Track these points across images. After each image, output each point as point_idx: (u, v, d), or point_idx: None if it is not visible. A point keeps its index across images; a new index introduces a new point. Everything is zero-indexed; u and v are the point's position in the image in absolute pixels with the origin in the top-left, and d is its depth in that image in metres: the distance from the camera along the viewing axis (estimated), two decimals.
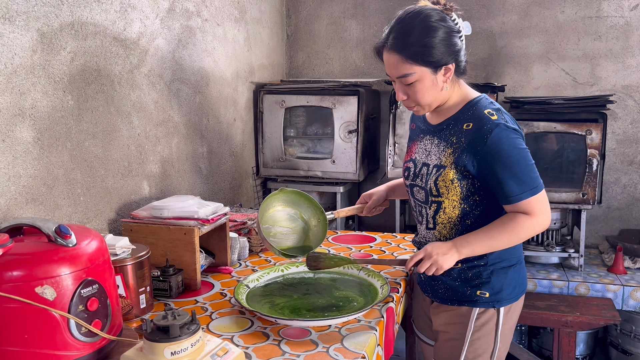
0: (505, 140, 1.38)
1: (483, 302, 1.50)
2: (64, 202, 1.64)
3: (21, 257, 1.03)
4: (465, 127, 1.44)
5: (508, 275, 1.52)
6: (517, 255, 1.55)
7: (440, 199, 1.49)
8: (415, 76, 1.41)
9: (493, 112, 1.43)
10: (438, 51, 1.39)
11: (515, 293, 1.54)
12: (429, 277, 1.59)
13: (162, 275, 1.59)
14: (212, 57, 2.46)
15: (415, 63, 1.39)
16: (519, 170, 1.38)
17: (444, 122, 1.51)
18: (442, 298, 1.57)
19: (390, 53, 1.42)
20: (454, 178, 1.45)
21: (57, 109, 1.60)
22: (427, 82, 1.42)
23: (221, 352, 1.09)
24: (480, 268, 1.50)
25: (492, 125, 1.39)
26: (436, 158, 1.50)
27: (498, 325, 1.51)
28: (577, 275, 2.68)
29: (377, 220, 3.43)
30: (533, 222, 1.40)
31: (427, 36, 1.38)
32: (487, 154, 1.39)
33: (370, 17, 3.26)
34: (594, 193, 2.58)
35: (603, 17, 2.92)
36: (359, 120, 2.78)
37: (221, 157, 2.60)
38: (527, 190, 1.38)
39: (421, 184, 1.53)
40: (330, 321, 1.36)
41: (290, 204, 1.73)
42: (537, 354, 2.85)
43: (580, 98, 2.61)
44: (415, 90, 1.43)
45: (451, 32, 1.41)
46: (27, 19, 1.48)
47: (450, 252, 1.42)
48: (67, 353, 1.05)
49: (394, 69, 1.43)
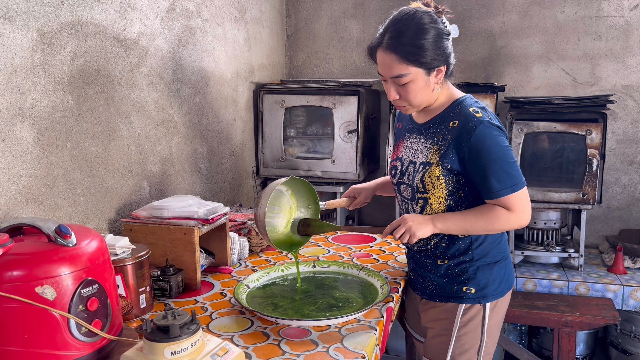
0: (488, 137, 1.42)
1: (469, 298, 1.55)
2: (64, 202, 1.64)
3: (21, 257, 1.03)
4: (452, 125, 1.49)
5: (493, 272, 1.56)
6: (502, 251, 1.59)
7: (426, 195, 1.52)
8: (409, 77, 1.44)
9: (478, 110, 1.47)
10: (432, 53, 1.42)
11: (501, 289, 1.58)
12: (418, 275, 1.66)
13: (162, 275, 1.59)
14: (212, 57, 2.46)
15: (411, 64, 1.42)
16: (500, 167, 1.42)
17: (431, 121, 1.55)
18: (430, 295, 1.62)
19: (386, 53, 1.44)
20: (440, 175, 1.49)
21: (57, 108, 1.60)
22: (421, 82, 1.45)
23: (221, 352, 1.09)
24: (466, 264, 1.55)
25: (477, 122, 1.43)
26: (422, 155, 1.54)
27: (484, 321, 1.56)
28: (577, 275, 2.68)
29: (377, 221, 3.44)
30: (510, 217, 1.45)
31: (423, 38, 1.41)
32: (471, 150, 1.43)
33: (370, 17, 3.26)
34: (594, 193, 2.58)
35: (603, 17, 2.92)
36: (359, 120, 2.78)
37: (221, 157, 2.60)
38: (508, 187, 1.43)
39: (408, 182, 1.57)
40: (330, 321, 1.36)
41: (290, 186, 1.68)
42: (537, 354, 2.85)
43: (580, 98, 2.62)
44: (408, 90, 1.46)
45: (443, 35, 1.45)
46: (27, 19, 1.48)
47: (426, 222, 1.46)
48: (67, 353, 1.05)
49: (389, 69, 1.45)
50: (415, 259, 1.67)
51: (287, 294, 1.58)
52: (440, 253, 1.58)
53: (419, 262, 1.65)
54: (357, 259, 1.96)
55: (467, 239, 1.54)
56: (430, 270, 1.61)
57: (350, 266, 1.76)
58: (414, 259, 1.68)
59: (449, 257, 1.56)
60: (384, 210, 3.39)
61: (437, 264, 1.58)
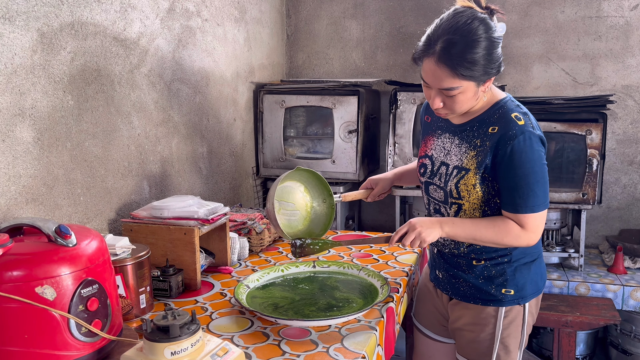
0: (526, 151, 1.36)
1: (509, 301, 1.50)
2: (64, 202, 1.64)
3: (21, 257, 1.03)
4: (491, 130, 1.41)
5: (531, 271, 1.52)
6: (538, 250, 1.55)
7: (461, 202, 1.47)
8: (460, 89, 1.36)
9: (520, 117, 1.40)
10: (485, 66, 1.34)
11: (538, 287, 1.55)
12: (449, 275, 1.59)
13: (162, 275, 1.59)
14: (212, 57, 2.46)
15: (464, 79, 1.33)
16: (528, 183, 1.36)
17: (468, 123, 1.48)
18: (465, 296, 1.56)
19: (438, 65, 1.33)
20: (476, 183, 1.43)
21: (57, 109, 1.60)
22: (470, 94, 1.38)
23: (221, 352, 1.09)
24: (504, 265, 1.50)
25: (518, 131, 1.37)
26: (457, 159, 1.47)
27: (524, 320, 1.53)
28: (577, 275, 2.68)
29: (377, 221, 3.44)
30: (521, 235, 1.40)
31: (477, 52, 1.32)
32: (505, 158, 1.37)
33: (370, 17, 3.26)
34: (594, 193, 2.58)
35: (603, 17, 2.92)
36: (359, 120, 2.78)
37: (221, 157, 2.60)
38: (529, 206, 1.38)
39: (439, 184, 1.52)
40: (330, 321, 1.36)
41: (302, 181, 1.67)
42: (537, 354, 2.85)
43: (580, 98, 2.61)
44: (456, 100, 1.38)
45: (496, 45, 1.36)
46: (27, 19, 1.48)
47: (434, 226, 1.41)
48: (67, 353, 1.05)
49: (438, 80, 1.36)
50: (446, 259, 1.60)
51: (287, 294, 1.58)
52: (476, 255, 1.52)
53: (451, 262, 1.58)
54: (357, 259, 1.96)
55: None
56: (465, 270, 1.54)
57: (350, 266, 1.76)
58: (445, 259, 1.61)
59: (485, 258, 1.50)
60: (384, 210, 3.39)
61: (473, 265, 1.52)
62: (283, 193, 1.63)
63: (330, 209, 1.67)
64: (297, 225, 1.65)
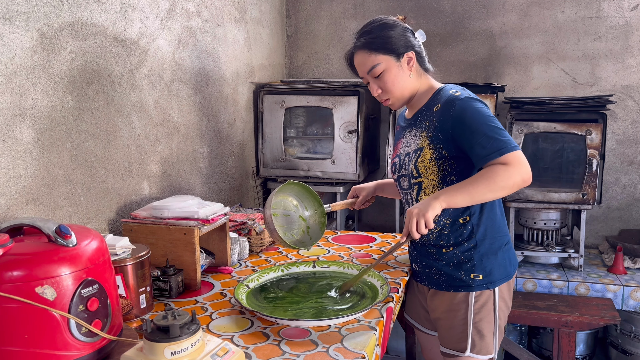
0: (468, 109, 1.48)
1: (478, 285, 1.58)
2: (64, 202, 1.64)
3: (21, 257, 1.03)
4: (435, 109, 1.56)
5: (498, 256, 1.60)
6: (504, 235, 1.63)
7: (420, 180, 1.58)
8: (381, 66, 1.56)
9: (457, 90, 1.55)
10: (396, 41, 1.56)
11: (507, 272, 1.62)
12: (423, 266, 1.69)
13: (162, 275, 1.59)
14: (212, 57, 2.46)
15: (379, 52, 1.55)
16: (484, 133, 1.43)
17: (417, 112, 1.64)
18: (438, 284, 1.65)
19: (358, 52, 1.60)
20: (432, 157, 1.54)
21: (58, 109, 1.60)
22: (394, 70, 1.57)
23: (221, 352, 1.09)
24: (471, 251, 1.58)
25: (456, 99, 1.51)
26: (415, 144, 1.61)
27: (495, 304, 1.60)
28: (577, 276, 2.68)
29: (377, 220, 3.44)
30: (509, 169, 1.39)
31: (385, 29, 1.57)
32: (454, 124, 1.48)
33: (370, 17, 3.23)
34: (594, 193, 2.59)
35: (603, 17, 2.93)
36: (359, 120, 2.78)
37: (221, 157, 2.61)
38: (495, 152, 1.42)
39: (405, 172, 1.63)
40: (330, 321, 1.36)
41: (293, 194, 1.83)
42: (537, 354, 2.85)
43: (580, 98, 2.62)
44: (385, 80, 1.57)
45: (406, 29, 1.59)
46: (27, 19, 1.48)
47: (429, 201, 1.42)
48: (67, 353, 1.05)
49: (363, 65, 1.59)
50: (419, 250, 1.70)
51: (287, 294, 1.58)
52: (444, 241, 1.61)
53: (423, 253, 1.69)
54: (357, 259, 1.96)
55: (468, 225, 1.58)
56: (436, 259, 1.64)
57: (350, 266, 1.77)
58: (417, 250, 1.71)
59: (452, 244, 1.60)
60: (384, 210, 3.39)
61: (443, 252, 1.62)
62: (277, 206, 1.78)
63: (322, 217, 1.81)
64: (294, 235, 1.79)
